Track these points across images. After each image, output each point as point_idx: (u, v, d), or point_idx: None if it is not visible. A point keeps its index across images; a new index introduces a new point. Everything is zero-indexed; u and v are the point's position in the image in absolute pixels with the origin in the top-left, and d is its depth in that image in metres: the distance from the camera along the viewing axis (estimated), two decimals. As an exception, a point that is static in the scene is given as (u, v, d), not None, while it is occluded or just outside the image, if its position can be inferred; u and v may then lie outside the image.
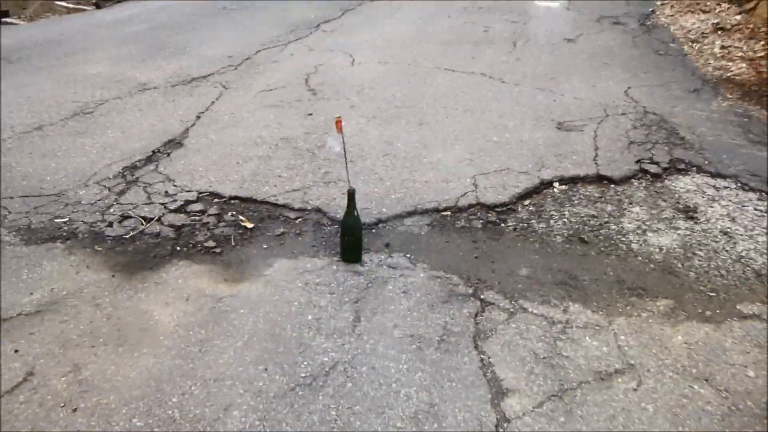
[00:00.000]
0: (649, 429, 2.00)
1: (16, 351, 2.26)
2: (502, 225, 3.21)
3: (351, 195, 2.72)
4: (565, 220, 3.27)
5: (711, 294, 2.71)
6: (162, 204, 3.29)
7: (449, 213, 3.29)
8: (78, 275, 2.71)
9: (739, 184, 3.65)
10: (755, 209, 3.40)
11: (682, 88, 5.13)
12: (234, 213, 3.25)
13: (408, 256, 2.91)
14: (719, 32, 6.27)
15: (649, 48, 6.08)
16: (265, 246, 2.98)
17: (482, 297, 2.63)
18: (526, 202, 3.42)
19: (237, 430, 1.95)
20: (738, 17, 6.56)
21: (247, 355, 2.26)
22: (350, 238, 2.80)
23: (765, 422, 2.03)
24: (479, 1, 7.56)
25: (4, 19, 9.12)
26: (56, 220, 3.16)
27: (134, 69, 5.51)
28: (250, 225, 3.15)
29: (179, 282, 2.68)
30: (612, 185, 3.62)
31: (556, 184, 3.60)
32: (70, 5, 9.31)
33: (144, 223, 3.12)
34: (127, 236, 3.02)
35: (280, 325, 2.42)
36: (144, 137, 4.09)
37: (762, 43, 5.82)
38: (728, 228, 3.22)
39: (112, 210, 3.25)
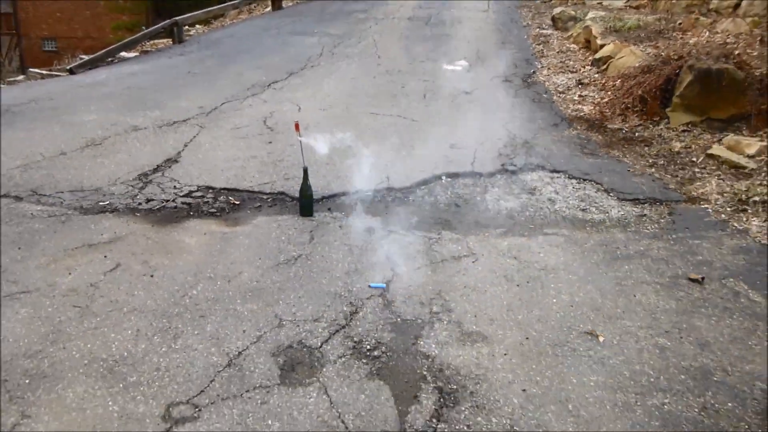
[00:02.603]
0: (478, 277, 3.80)
1: (105, 256, 3.89)
2: (406, 199, 5.04)
3: (305, 171, 4.51)
4: (447, 196, 5.13)
5: (530, 224, 4.59)
6: (174, 192, 4.98)
7: (370, 193, 5.10)
8: (128, 226, 4.36)
9: (567, 176, 5.63)
10: (573, 188, 5.36)
11: (545, 123, 7.21)
12: (225, 196, 4.96)
13: (342, 213, 4.69)
14: (580, 86, 8.52)
15: (527, 98, 8.23)
16: (249, 211, 4.70)
17: (389, 229, 4.42)
18: (423, 187, 5.27)
19: (248, 280, 3.64)
20: (596, 75, 8.87)
21: (248, 254, 3.96)
22: (305, 200, 4.57)
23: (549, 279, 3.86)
24: (398, 66, 9.68)
25: (-17, 84, 10.69)
26: (100, 203, 4.79)
27: (123, 116, 7.19)
28: (237, 202, 4.86)
29: (197, 228, 4.37)
30: (482, 177, 5.53)
31: (443, 177, 5.48)
32: (44, 72, 10.96)
33: (164, 202, 4.80)
34: (154, 209, 4.69)
35: (265, 242, 4.14)
36: (148, 157, 5.77)
37: (608, 92, 8.05)
38: (552, 197, 5.15)
39: (138, 197, 4.91)
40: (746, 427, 2.61)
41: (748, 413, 2.69)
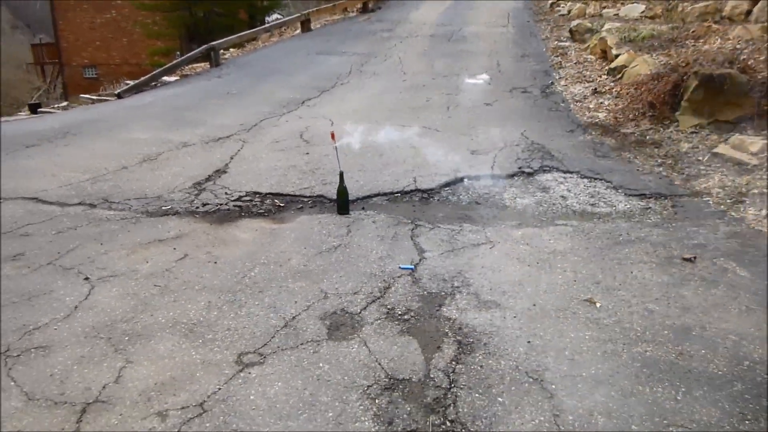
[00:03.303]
0: (494, 260, 4.44)
1: (174, 248, 4.62)
2: (431, 199, 5.70)
3: (341, 175, 5.21)
4: (469, 195, 5.78)
5: (543, 217, 5.21)
6: (225, 197, 5.72)
7: (399, 194, 5.78)
8: (190, 225, 5.10)
9: (579, 176, 6.23)
10: (584, 186, 5.97)
11: (562, 129, 7.83)
12: (270, 200, 5.69)
13: (375, 211, 5.37)
14: (596, 94, 9.12)
15: (545, 107, 8.86)
16: (293, 211, 5.41)
17: (416, 223, 5.09)
18: (446, 188, 5.93)
19: (296, 264, 4.33)
20: (611, 84, 9.45)
21: (293, 245, 4.66)
22: (342, 200, 5.26)
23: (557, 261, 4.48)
24: (423, 81, 10.40)
25: (39, 110, 11.71)
26: (163, 208, 5.54)
27: (172, 134, 8.00)
28: (281, 204, 5.58)
29: (248, 225, 5.09)
30: (500, 179, 6.17)
31: (465, 179, 6.13)
32: (94, 97, 11.94)
33: (218, 205, 5.53)
34: (210, 211, 5.43)
35: (308, 235, 4.83)
36: (199, 169, 6.54)
37: (622, 99, 8.64)
38: (565, 194, 5.77)
39: (194, 202, 5.66)
40: (714, 367, 3.19)
41: (717, 357, 3.27)
